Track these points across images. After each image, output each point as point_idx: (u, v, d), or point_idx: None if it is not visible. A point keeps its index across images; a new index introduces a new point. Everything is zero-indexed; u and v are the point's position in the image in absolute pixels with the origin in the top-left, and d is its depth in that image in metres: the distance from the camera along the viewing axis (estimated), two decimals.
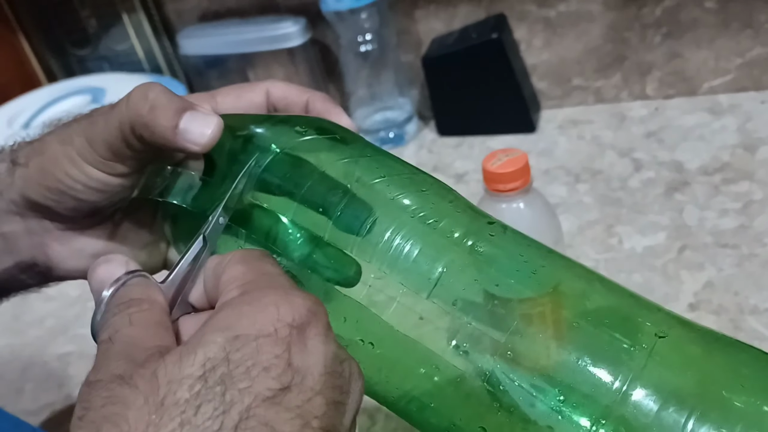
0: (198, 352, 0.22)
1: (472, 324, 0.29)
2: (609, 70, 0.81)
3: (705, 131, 0.73)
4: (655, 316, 0.29)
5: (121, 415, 0.21)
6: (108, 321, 0.26)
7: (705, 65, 0.78)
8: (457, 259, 0.29)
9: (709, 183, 0.66)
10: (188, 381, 0.21)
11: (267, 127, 0.33)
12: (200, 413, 0.21)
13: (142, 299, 0.26)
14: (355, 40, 0.82)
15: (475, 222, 0.30)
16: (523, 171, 0.41)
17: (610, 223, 0.64)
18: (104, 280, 0.27)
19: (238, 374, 0.22)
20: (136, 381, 0.22)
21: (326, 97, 0.37)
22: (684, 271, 0.57)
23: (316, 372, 0.23)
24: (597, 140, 0.76)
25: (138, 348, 0.24)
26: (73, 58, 1.02)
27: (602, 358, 0.27)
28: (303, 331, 0.24)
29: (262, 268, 0.27)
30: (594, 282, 0.30)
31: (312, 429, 0.22)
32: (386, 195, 0.30)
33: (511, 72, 0.78)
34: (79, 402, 0.23)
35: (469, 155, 0.80)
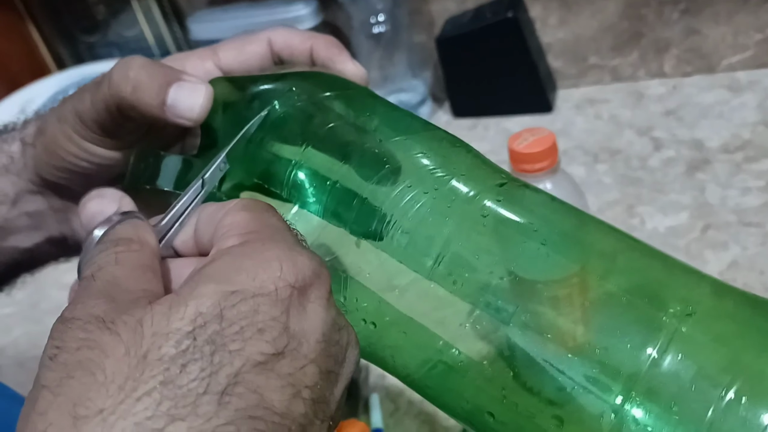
0: (189, 305, 0.20)
1: (491, 296, 0.27)
2: (626, 48, 0.80)
3: (724, 109, 0.72)
4: (689, 283, 0.28)
5: (97, 363, 0.19)
6: (93, 258, 0.24)
7: (723, 41, 0.76)
8: (476, 226, 0.28)
9: (731, 161, 0.65)
10: (175, 336, 0.20)
11: (266, 86, 0.32)
12: (185, 373, 0.19)
13: (131, 239, 0.24)
14: (368, 22, 0.81)
15: (497, 185, 0.29)
16: (551, 151, 0.40)
17: (631, 204, 0.63)
18: (95, 216, 0.26)
19: (231, 334, 0.20)
20: (117, 327, 0.20)
21: (330, 42, 0.34)
22: (708, 250, 0.57)
23: (313, 339, 0.22)
24: (615, 119, 0.75)
25: (121, 289, 0.22)
26: (82, 44, 1.01)
27: (631, 331, 0.26)
28: (304, 293, 0.22)
29: (267, 219, 0.24)
30: (624, 248, 0.29)
31: (302, 399, 0.21)
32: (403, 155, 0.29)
33: (527, 51, 0.77)
34: (51, 339, 0.20)
35: (485, 137, 0.79)
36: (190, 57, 0.35)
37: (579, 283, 0.27)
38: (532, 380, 0.26)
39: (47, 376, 0.19)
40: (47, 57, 1.03)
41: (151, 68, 0.30)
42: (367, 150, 0.29)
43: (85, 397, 0.18)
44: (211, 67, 0.34)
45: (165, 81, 0.30)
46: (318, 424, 0.21)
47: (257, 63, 0.35)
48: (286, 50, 0.35)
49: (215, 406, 0.19)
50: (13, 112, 0.86)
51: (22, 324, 0.74)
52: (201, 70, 0.34)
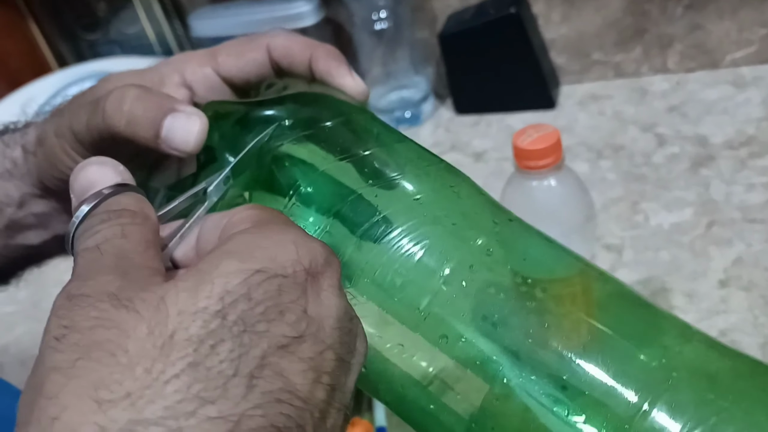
0: (216, 282, 0.19)
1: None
2: (629, 44, 0.79)
3: (729, 104, 0.72)
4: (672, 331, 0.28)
5: (118, 343, 0.18)
6: (94, 227, 0.22)
7: (727, 37, 0.76)
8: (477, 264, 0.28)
9: (735, 157, 0.65)
10: (203, 315, 0.18)
11: (264, 112, 0.32)
12: (214, 354, 0.18)
13: (135, 212, 0.23)
14: (369, 18, 0.81)
15: (489, 219, 0.29)
16: (555, 147, 0.40)
17: (635, 200, 0.63)
18: (93, 183, 0.24)
19: (257, 314, 0.19)
20: (137, 305, 0.19)
21: (330, 54, 0.34)
22: (712, 247, 0.56)
23: (328, 325, 0.21)
24: (618, 116, 0.75)
25: (132, 264, 0.21)
26: (83, 42, 1.01)
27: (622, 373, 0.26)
28: (317, 279, 0.21)
29: (276, 213, 0.24)
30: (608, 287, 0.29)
31: (322, 385, 0.20)
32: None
33: (530, 47, 0.76)
34: (56, 317, 0.19)
35: (488, 133, 0.79)
36: (189, 61, 0.34)
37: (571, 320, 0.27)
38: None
39: (55, 358, 0.18)
40: (48, 55, 1.03)
41: (146, 100, 0.29)
42: (358, 199, 0.29)
43: (109, 380, 0.17)
44: (209, 72, 0.34)
45: (160, 113, 0.29)
46: (334, 413, 0.21)
47: (256, 70, 0.34)
48: (285, 59, 0.34)
49: (244, 388, 0.18)
50: (14, 111, 0.86)
51: (24, 322, 0.73)
52: (200, 76, 0.34)
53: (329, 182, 0.30)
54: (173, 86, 0.33)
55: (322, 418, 0.20)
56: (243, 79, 0.34)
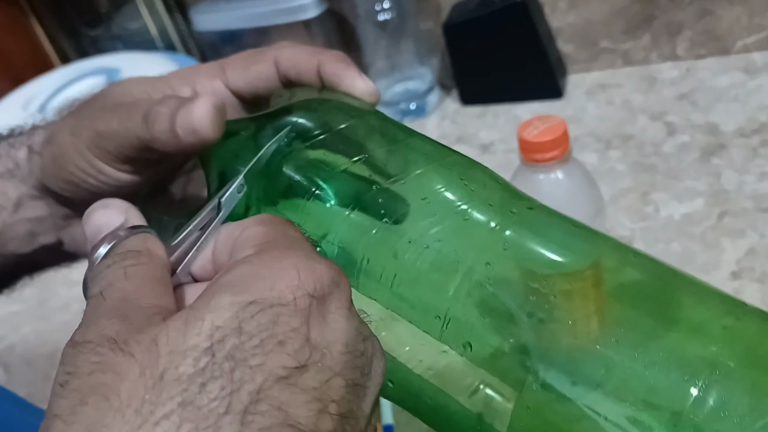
0: (206, 319, 0.19)
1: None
2: (637, 31, 0.78)
3: (740, 92, 0.71)
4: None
5: (112, 387, 0.18)
6: (100, 273, 0.22)
7: (738, 22, 0.75)
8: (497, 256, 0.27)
9: (747, 145, 0.64)
10: (193, 353, 0.18)
11: (275, 121, 0.32)
12: (204, 392, 0.18)
13: (139, 251, 0.23)
14: (373, 9, 0.80)
15: (509, 206, 0.29)
16: (562, 139, 0.39)
17: (645, 191, 0.62)
18: (100, 228, 0.24)
19: (250, 348, 0.19)
20: (131, 348, 0.19)
21: (337, 59, 0.33)
22: (725, 238, 0.55)
23: (335, 350, 0.20)
24: (627, 104, 0.74)
25: (133, 306, 0.21)
26: (86, 38, 1.00)
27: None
28: (324, 302, 0.21)
29: (284, 230, 0.24)
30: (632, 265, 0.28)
31: (329, 415, 0.20)
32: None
33: (536, 36, 0.75)
34: (62, 365, 0.20)
35: (494, 124, 0.78)
36: (198, 74, 0.34)
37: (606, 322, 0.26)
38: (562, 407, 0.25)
39: (59, 404, 0.19)
40: (51, 51, 1.02)
41: (173, 106, 0.29)
42: (378, 194, 0.29)
43: (99, 425, 0.17)
44: (219, 85, 0.34)
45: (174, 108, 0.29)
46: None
47: (264, 84, 0.34)
48: (293, 70, 0.34)
49: (238, 426, 0.18)
50: (17, 108, 0.85)
51: (30, 322, 0.73)
52: (209, 89, 0.34)
53: (344, 182, 0.29)
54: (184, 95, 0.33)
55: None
56: (251, 92, 0.34)
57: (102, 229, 0.24)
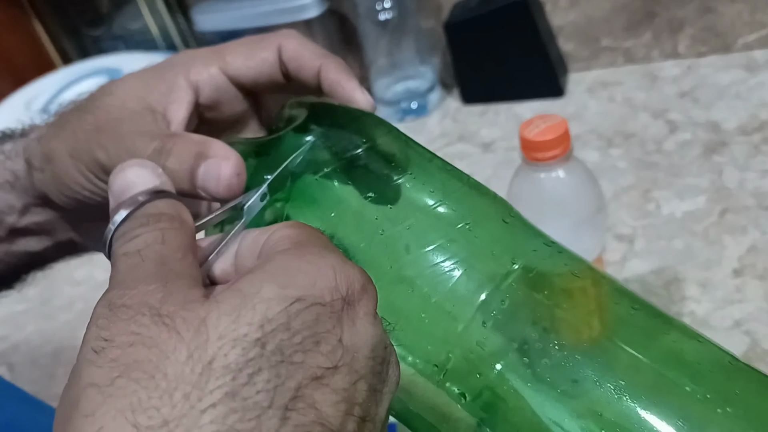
0: (257, 309, 0.19)
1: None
2: (639, 29, 0.78)
3: (741, 89, 0.71)
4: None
5: (157, 365, 0.17)
6: (134, 231, 0.22)
7: (739, 19, 0.75)
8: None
9: (749, 143, 0.64)
10: (243, 343, 0.18)
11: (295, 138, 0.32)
12: (252, 384, 0.18)
13: (174, 216, 0.22)
14: (374, 9, 0.80)
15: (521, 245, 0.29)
16: (563, 138, 0.39)
17: (647, 188, 0.62)
18: (131, 185, 0.23)
19: (295, 344, 0.19)
20: (177, 325, 0.18)
21: (340, 67, 0.33)
22: (726, 235, 0.55)
23: (362, 354, 0.20)
24: (629, 102, 0.74)
25: (172, 273, 0.20)
26: (87, 39, 1.00)
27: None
28: (353, 307, 0.21)
29: (316, 233, 0.23)
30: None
31: (353, 416, 0.20)
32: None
33: (537, 35, 0.75)
34: (96, 327, 0.19)
35: (496, 123, 0.78)
36: (193, 61, 0.33)
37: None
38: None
39: (94, 373, 0.18)
40: (52, 52, 1.03)
41: (178, 153, 0.29)
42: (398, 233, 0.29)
43: (147, 404, 0.17)
44: (215, 72, 0.33)
45: (193, 162, 0.29)
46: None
47: (266, 70, 0.33)
48: (294, 62, 0.33)
49: (278, 421, 0.18)
50: (19, 108, 0.86)
51: (35, 321, 0.73)
52: (205, 76, 0.33)
53: (367, 212, 0.29)
54: (180, 91, 0.32)
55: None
56: (251, 79, 0.33)
57: (132, 186, 0.23)
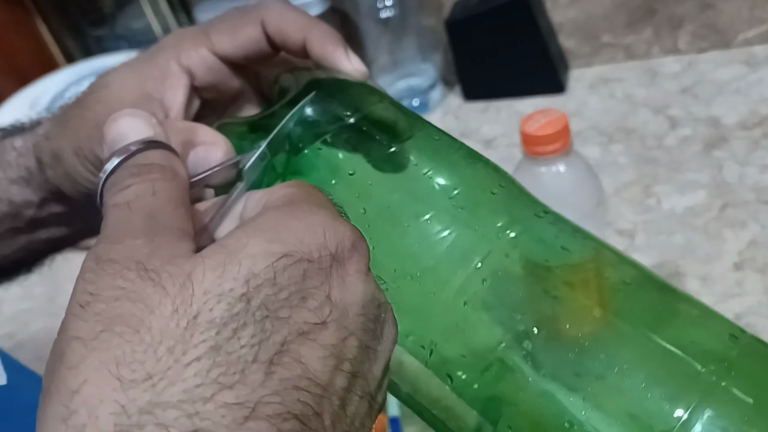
0: (243, 264, 0.19)
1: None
2: (639, 25, 0.78)
3: (741, 84, 0.71)
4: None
5: (141, 319, 0.17)
6: (125, 181, 0.21)
7: (739, 15, 0.75)
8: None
9: (749, 138, 0.64)
10: (228, 298, 0.18)
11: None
12: (236, 339, 0.18)
13: (165, 166, 0.22)
14: (375, 7, 0.81)
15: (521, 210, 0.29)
16: (563, 132, 0.39)
17: (648, 183, 0.62)
18: (124, 134, 0.23)
19: (280, 300, 0.19)
20: (163, 279, 0.18)
21: (326, 37, 0.32)
22: (726, 229, 0.56)
23: (352, 311, 0.21)
24: (629, 98, 0.74)
25: (160, 226, 0.20)
26: (90, 38, 1.01)
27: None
28: (342, 264, 0.21)
29: (313, 191, 0.23)
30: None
31: (342, 372, 0.20)
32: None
33: (538, 31, 0.75)
34: (83, 280, 0.19)
35: (497, 119, 0.79)
36: (183, 44, 0.33)
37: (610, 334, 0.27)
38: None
39: (78, 326, 0.18)
40: (56, 51, 1.03)
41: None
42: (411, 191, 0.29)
43: (130, 358, 0.17)
44: (205, 53, 0.33)
45: (181, 152, 0.28)
46: (356, 400, 0.20)
47: (253, 46, 0.33)
48: (279, 36, 0.33)
49: (262, 375, 0.18)
50: (23, 107, 0.86)
51: (40, 318, 0.74)
52: (196, 59, 0.33)
53: (370, 173, 0.29)
54: (174, 77, 0.33)
55: (341, 405, 0.20)
56: (241, 56, 0.33)
57: (126, 136, 0.23)
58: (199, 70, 0.33)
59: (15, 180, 0.36)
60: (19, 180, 0.36)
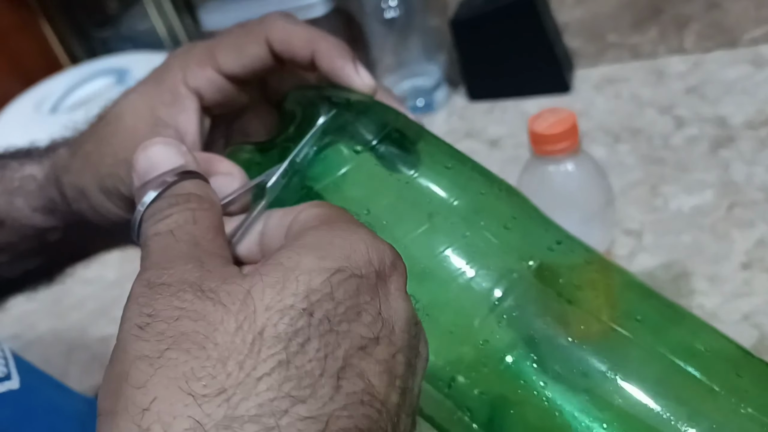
0: (300, 280, 0.19)
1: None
2: (645, 25, 0.78)
3: (748, 84, 0.71)
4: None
5: (206, 336, 0.17)
6: (164, 211, 0.22)
7: (745, 14, 0.75)
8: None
9: (756, 137, 0.64)
10: (290, 313, 0.18)
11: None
12: (303, 353, 0.18)
13: (202, 196, 0.23)
14: (380, 7, 0.80)
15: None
16: (572, 131, 0.39)
17: (654, 183, 0.62)
18: (157, 164, 0.23)
19: (339, 314, 0.19)
20: (222, 298, 0.18)
21: (336, 51, 0.32)
22: (734, 229, 0.55)
23: (398, 328, 0.21)
24: (635, 98, 0.74)
25: (206, 253, 0.20)
26: (95, 39, 1.01)
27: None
28: (385, 282, 0.21)
29: (342, 211, 0.23)
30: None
31: (395, 388, 0.20)
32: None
33: (543, 31, 0.75)
34: (137, 305, 0.19)
35: (502, 119, 0.78)
36: (189, 65, 0.33)
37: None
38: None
39: (141, 346, 0.18)
40: (61, 53, 1.03)
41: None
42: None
43: (201, 373, 0.17)
44: (211, 74, 0.33)
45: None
46: (405, 418, 0.20)
47: (258, 64, 0.33)
48: (286, 53, 0.32)
49: (331, 389, 0.18)
50: (29, 108, 0.86)
51: (46, 320, 0.74)
52: (203, 80, 0.32)
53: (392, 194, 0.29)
54: (185, 100, 0.32)
55: (396, 422, 0.20)
56: (247, 74, 0.33)
57: (158, 166, 0.23)
58: (207, 91, 0.33)
59: (38, 209, 0.36)
60: (42, 209, 0.36)
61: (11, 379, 0.36)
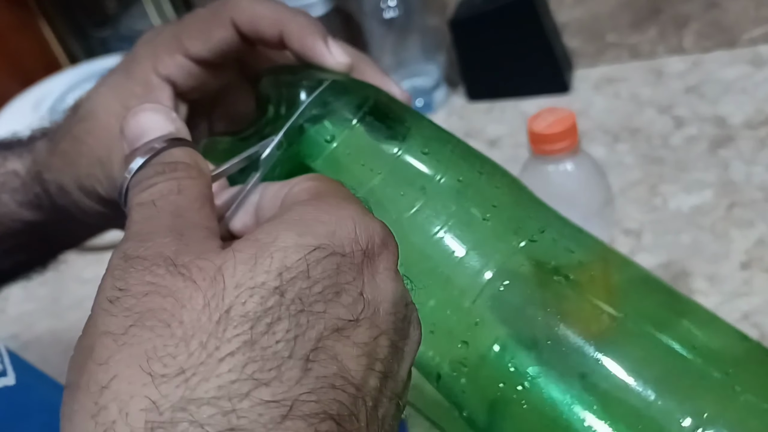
0: (275, 257, 0.18)
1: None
2: (644, 25, 0.78)
3: (747, 84, 0.71)
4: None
5: (172, 313, 0.17)
6: (150, 180, 0.21)
7: (745, 14, 0.75)
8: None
9: (755, 137, 0.64)
10: (261, 291, 0.17)
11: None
12: (271, 333, 0.17)
13: (190, 164, 0.22)
14: (379, 7, 0.80)
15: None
16: (571, 130, 0.39)
17: (654, 183, 0.62)
18: (146, 131, 0.22)
19: (314, 294, 0.18)
20: (193, 273, 0.18)
21: (305, 30, 0.30)
22: (733, 228, 0.55)
23: (383, 309, 0.20)
24: (635, 98, 0.74)
25: (187, 224, 0.20)
26: (94, 40, 1.01)
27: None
28: (373, 261, 0.20)
29: (337, 186, 0.23)
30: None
31: (375, 372, 0.19)
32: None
33: (542, 31, 0.75)
34: (111, 278, 0.18)
35: (501, 119, 0.78)
36: (158, 53, 0.32)
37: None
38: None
39: (108, 321, 0.17)
40: (60, 53, 1.03)
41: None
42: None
43: (161, 352, 0.16)
44: (180, 60, 0.32)
45: None
46: (386, 402, 0.20)
47: (227, 47, 0.32)
48: (253, 35, 0.31)
49: (299, 372, 0.17)
50: (27, 108, 0.86)
51: (45, 320, 0.74)
52: (173, 67, 0.32)
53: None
54: (157, 90, 0.32)
55: (374, 407, 0.19)
56: (217, 58, 0.32)
57: (147, 132, 0.23)
58: (179, 78, 0.32)
59: (24, 204, 0.36)
60: (29, 204, 0.36)
61: (6, 376, 0.36)
